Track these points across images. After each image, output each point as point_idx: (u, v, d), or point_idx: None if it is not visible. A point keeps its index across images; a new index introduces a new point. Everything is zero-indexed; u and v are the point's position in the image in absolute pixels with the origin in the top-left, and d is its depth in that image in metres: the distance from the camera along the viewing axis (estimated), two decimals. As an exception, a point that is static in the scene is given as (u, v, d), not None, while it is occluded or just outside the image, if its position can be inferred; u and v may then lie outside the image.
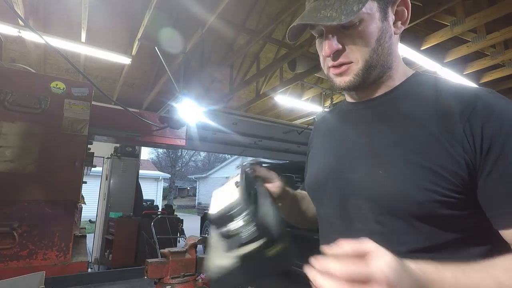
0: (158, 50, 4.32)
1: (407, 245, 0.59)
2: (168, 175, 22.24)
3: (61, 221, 2.08)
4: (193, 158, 30.65)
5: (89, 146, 2.74)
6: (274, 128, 7.31)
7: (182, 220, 5.97)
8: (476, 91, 0.60)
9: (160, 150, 27.14)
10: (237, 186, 0.62)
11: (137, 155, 6.25)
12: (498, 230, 0.56)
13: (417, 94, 0.65)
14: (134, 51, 4.38)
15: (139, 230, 5.48)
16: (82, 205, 4.14)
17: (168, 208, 6.89)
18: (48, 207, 2.05)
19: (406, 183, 0.59)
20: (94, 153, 3.20)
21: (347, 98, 0.79)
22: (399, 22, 0.69)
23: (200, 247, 0.97)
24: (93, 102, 2.35)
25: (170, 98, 5.19)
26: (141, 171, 7.24)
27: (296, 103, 6.15)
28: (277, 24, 4.28)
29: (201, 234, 8.27)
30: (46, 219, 2.03)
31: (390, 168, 0.61)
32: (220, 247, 0.55)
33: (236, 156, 19.70)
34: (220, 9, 3.39)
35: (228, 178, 0.70)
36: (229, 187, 0.64)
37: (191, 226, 8.78)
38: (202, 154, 29.42)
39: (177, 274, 0.84)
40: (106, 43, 4.54)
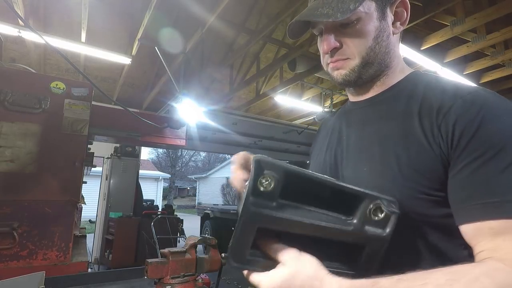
0: (158, 50, 4.32)
1: (395, 241, 0.58)
2: (168, 175, 22.24)
3: (61, 221, 2.09)
4: (193, 158, 30.66)
5: (89, 146, 2.74)
6: (274, 128, 7.31)
7: (182, 220, 5.97)
8: (463, 89, 0.60)
9: (160, 150, 27.16)
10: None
11: (137, 155, 6.25)
12: (458, 226, 0.55)
13: (409, 93, 0.66)
14: (134, 51, 4.38)
15: (139, 230, 5.48)
16: (82, 205, 4.14)
17: (168, 208, 6.88)
18: (48, 207, 2.05)
19: (385, 180, 0.60)
20: (94, 153, 3.21)
21: (349, 98, 0.81)
22: (398, 23, 0.70)
23: (200, 247, 0.97)
24: (93, 102, 2.35)
25: (170, 98, 5.19)
26: (141, 171, 7.24)
27: (296, 103, 6.16)
28: (277, 24, 4.28)
29: (201, 234, 8.27)
30: (46, 219, 2.04)
31: (372, 165, 0.64)
32: None
33: (236, 156, 19.64)
34: (220, 9, 3.39)
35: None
36: None
37: (191, 226, 8.79)
38: (202, 154, 29.44)
39: (177, 274, 0.84)
40: (106, 43, 4.54)
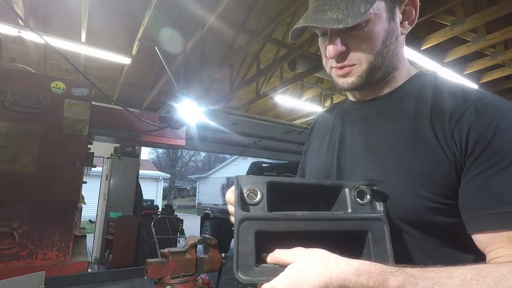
0: (158, 50, 4.32)
1: (397, 249, 0.58)
2: (168, 175, 22.24)
3: (61, 221, 2.08)
4: (193, 158, 30.66)
5: (89, 146, 2.74)
6: (274, 128, 7.31)
7: (182, 220, 5.97)
8: (471, 94, 0.59)
9: (160, 150, 27.17)
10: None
11: (137, 155, 6.25)
12: (471, 235, 0.54)
13: (417, 95, 0.64)
14: (134, 51, 4.38)
15: (139, 230, 5.48)
16: (82, 205, 4.14)
17: (168, 208, 6.88)
18: (48, 207, 2.05)
19: (397, 188, 0.58)
20: (94, 153, 3.21)
21: (349, 97, 0.78)
22: (406, 22, 0.66)
23: (200, 247, 0.97)
24: (93, 102, 2.35)
25: (170, 98, 5.19)
26: (141, 171, 7.24)
27: (296, 103, 6.16)
28: (277, 24, 4.28)
29: (201, 234, 8.27)
30: (46, 219, 2.03)
31: (382, 171, 0.61)
32: None
33: (236, 156, 19.71)
34: (220, 9, 3.39)
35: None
36: None
37: (191, 226, 8.78)
38: (202, 154, 29.43)
39: (177, 274, 0.84)
40: (106, 43, 4.54)
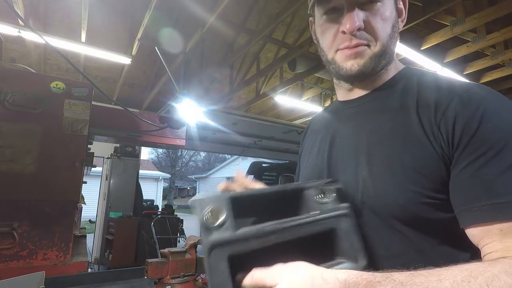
0: (158, 50, 4.32)
1: (392, 248, 0.58)
2: (168, 175, 22.23)
3: (61, 221, 2.08)
4: (193, 158, 30.65)
5: (89, 146, 2.74)
6: (274, 128, 7.31)
7: (182, 220, 5.97)
8: (456, 86, 0.59)
9: (160, 150, 27.14)
10: None
11: (137, 155, 6.25)
12: (464, 230, 0.53)
13: (402, 87, 0.65)
14: (134, 51, 4.38)
15: (139, 230, 5.48)
16: (82, 205, 4.14)
17: (168, 208, 6.89)
18: (48, 207, 2.05)
19: (388, 185, 0.57)
20: (94, 153, 3.21)
21: (339, 97, 0.77)
22: (400, 19, 0.69)
23: (200, 247, 0.97)
24: (93, 102, 2.35)
25: (170, 98, 5.19)
26: (141, 171, 7.24)
27: (296, 103, 6.15)
28: (277, 24, 4.27)
29: (201, 234, 8.26)
30: (46, 219, 2.04)
31: (372, 169, 0.60)
32: None
33: (236, 156, 19.72)
34: (220, 9, 3.39)
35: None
36: None
37: (191, 226, 8.78)
38: (202, 154, 29.42)
39: (177, 274, 0.84)
40: (106, 43, 4.54)
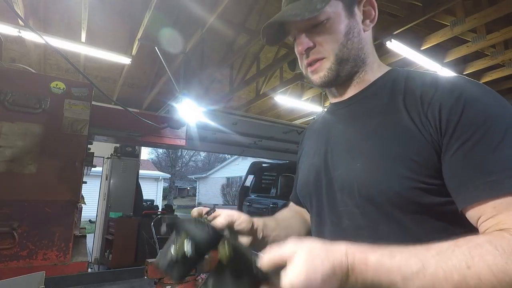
0: (158, 50, 4.32)
1: (391, 236, 0.60)
2: (168, 175, 22.22)
3: (61, 221, 2.08)
4: (193, 158, 30.64)
5: (89, 146, 2.74)
6: (274, 128, 7.32)
7: (182, 220, 5.97)
8: (440, 78, 0.63)
9: (160, 150, 27.13)
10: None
11: (137, 155, 6.24)
12: (461, 211, 0.55)
13: (390, 87, 0.68)
14: (134, 51, 4.38)
15: (139, 230, 5.48)
16: (82, 205, 4.14)
17: (168, 208, 6.88)
18: (48, 207, 2.05)
19: (382, 173, 0.60)
20: (94, 153, 3.21)
21: (330, 99, 0.81)
22: (367, 20, 0.72)
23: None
24: (93, 102, 2.35)
25: (170, 98, 5.19)
26: (141, 171, 7.23)
27: (296, 103, 6.15)
28: (277, 24, 4.27)
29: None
30: (46, 219, 2.04)
31: (366, 159, 0.63)
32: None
33: (236, 156, 19.72)
34: (220, 9, 3.39)
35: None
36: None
37: (191, 226, 8.76)
38: (202, 154, 29.40)
39: (177, 274, 0.84)
40: (106, 43, 4.54)
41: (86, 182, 2.82)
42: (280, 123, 7.08)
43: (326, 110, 0.86)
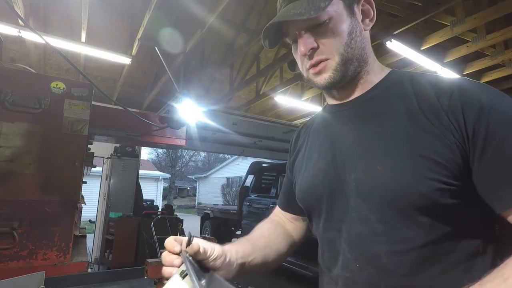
0: (158, 50, 4.32)
1: (411, 240, 0.58)
2: (168, 175, 22.23)
3: (61, 221, 2.08)
4: (193, 158, 30.63)
5: (89, 146, 2.74)
6: (274, 128, 7.32)
7: (182, 220, 5.97)
8: (446, 79, 0.64)
9: (160, 150, 27.13)
10: (183, 277, 0.55)
11: (137, 155, 6.25)
12: (500, 214, 0.55)
13: (397, 90, 0.67)
14: (134, 51, 4.38)
15: (139, 230, 5.48)
16: (82, 205, 4.14)
17: (168, 208, 6.88)
18: (48, 207, 2.05)
19: (406, 174, 0.58)
20: (94, 153, 3.21)
21: (329, 101, 0.79)
22: (367, 20, 0.71)
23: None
24: (93, 102, 2.35)
25: (170, 98, 5.19)
26: (141, 171, 7.24)
27: (296, 103, 6.15)
28: (277, 24, 4.27)
29: (201, 234, 8.27)
30: (46, 219, 2.03)
31: (386, 161, 0.61)
32: None
33: (236, 156, 19.72)
34: (220, 9, 3.39)
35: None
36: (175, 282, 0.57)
37: (191, 226, 8.78)
38: (202, 154, 29.39)
39: (177, 274, 0.84)
40: (106, 43, 4.54)
41: (86, 182, 2.82)
42: (280, 123, 7.09)
43: (324, 111, 0.82)
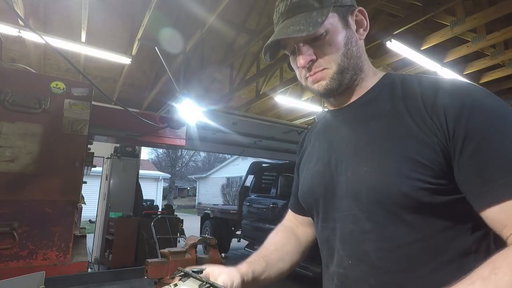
0: (158, 50, 4.32)
1: (398, 238, 0.60)
2: (168, 175, 22.23)
3: (61, 221, 2.08)
4: (193, 158, 30.63)
5: (89, 146, 2.74)
6: (274, 128, 7.32)
7: (182, 220, 5.97)
8: (437, 80, 0.65)
9: (160, 150, 27.14)
10: None
11: (137, 155, 6.25)
12: (478, 212, 0.56)
13: (389, 93, 0.70)
14: (134, 51, 4.38)
15: (139, 230, 5.48)
16: (82, 205, 4.14)
17: (168, 208, 6.88)
18: (48, 207, 2.05)
19: (390, 175, 0.61)
20: (94, 153, 3.20)
21: (329, 107, 0.82)
22: (361, 29, 0.74)
23: (200, 247, 0.97)
24: (93, 102, 2.35)
25: (170, 98, 5.19)
26: (141, 171, 7.23)
27: (296, 103, 6.15)
28: (277, 24, 4.27)
29: (201, 234, 8.27)
30: (46, 219, 2.03)
31: (372, 163, 0.64)
32: None
33: (236, 156, 19.72)
34: (220, 9, 3.39)
35: None
36: None
37: (191, 226, 8.78)
38: (202, 154, 29.38)
39: (177, 274, 0.84)
40: (106, 43, 4.54)
41: (86, 182, 2.82)
42: (280, 123, 7.09)
43: (325, 116, 0.87)
